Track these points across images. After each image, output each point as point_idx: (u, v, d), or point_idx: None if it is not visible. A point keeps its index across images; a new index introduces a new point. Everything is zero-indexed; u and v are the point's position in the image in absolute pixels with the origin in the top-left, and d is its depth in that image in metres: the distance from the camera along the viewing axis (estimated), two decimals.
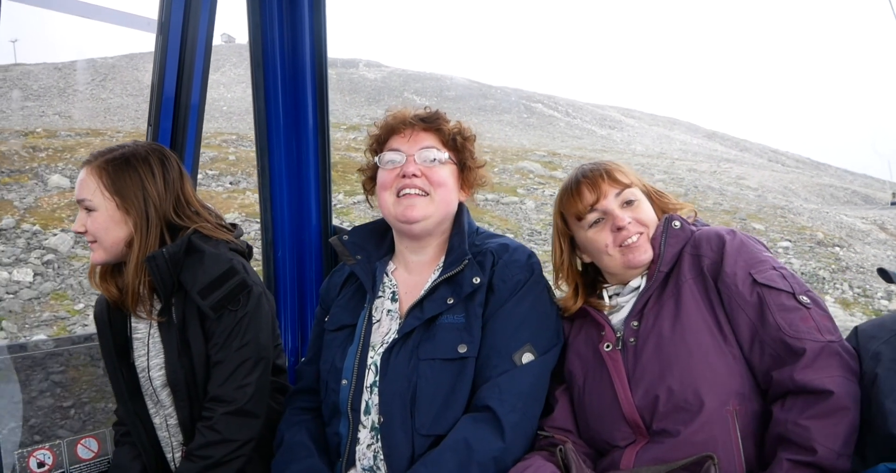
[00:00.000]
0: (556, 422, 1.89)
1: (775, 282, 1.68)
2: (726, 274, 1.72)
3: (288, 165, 2.92)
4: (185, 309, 2.04)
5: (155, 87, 2.65)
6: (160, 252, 1.98)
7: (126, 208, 2.03)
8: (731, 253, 1.75)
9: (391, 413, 1.84)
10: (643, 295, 1.82)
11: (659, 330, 1.75)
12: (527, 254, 1.99)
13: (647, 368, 1.73)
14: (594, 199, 1.87)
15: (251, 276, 2.07)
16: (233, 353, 1.99)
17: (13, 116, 29.29)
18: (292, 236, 2.96)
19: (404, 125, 2.01)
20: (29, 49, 74.58)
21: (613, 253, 1.86)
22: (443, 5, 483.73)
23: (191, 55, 2.64)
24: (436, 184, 1.95)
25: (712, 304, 1.73)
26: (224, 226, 2.18)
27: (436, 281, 1.93)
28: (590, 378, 1.85)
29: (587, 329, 1.93)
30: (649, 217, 1.89)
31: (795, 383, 1.56)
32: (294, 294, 2.97)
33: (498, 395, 1.80)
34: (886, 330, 1.63)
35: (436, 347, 1.86)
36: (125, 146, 2.11)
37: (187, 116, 2.70)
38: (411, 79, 52.63)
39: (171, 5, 2.56)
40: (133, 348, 2.16)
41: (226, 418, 1.97)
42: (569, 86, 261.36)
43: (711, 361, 1.67)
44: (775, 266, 1.74)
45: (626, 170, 1.94)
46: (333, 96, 38.95)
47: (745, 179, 27.26)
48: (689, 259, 1.81)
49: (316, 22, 2.85)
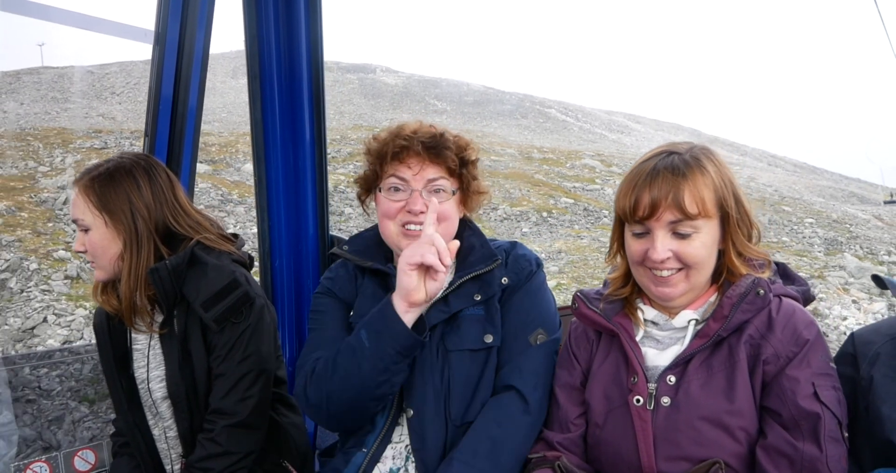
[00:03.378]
0: (567, 445, 1.80)
1: (834, 406, 1.53)
2: (786, 376, 1.56)
3: (285, 175, 2.92)
4: (188, 321, 2.03)
5: (152, 97, 2.65)
6: (163, 264, 1.98)
7: (115, 224, 2.01)
8: (802, 357, 1.57)
9: (425, 406, 1.86)
10: (689, 350, 1.64)
11: (700, 403, 1.59)
12: (530, 250, 2.10)
13: (680, 440, 1.59)
14: (644, 215, 1.62)
15: (254, 288, 2.07)
16: (235, 366, 1.99)
17: (60, 117, 29.24)
18: (290, 246, 2.97)
19: (408, 153, 1.94)
20: (55, 53, 74.20)
21: (644, 273, 1.69)
22: (453, 11, 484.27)
23: (188, 65, 2.64)
24: (441, 219, 1.93)
25: (754, 389, 1.60)
26: (226, 236, 2.18)
27: (462, 278, 1.95)
28: (610, 422, 1.71)
29: (615, 357, 1.76)
30: (698, 256, 1.62)
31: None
32: (292, 303, 2.98)
33: (519, 375, 1.87)
34: (882, 335, 1.65)
35: (462, 338, 1.91)
36: (110, 160, 2.09)
37: (184, 126, 2.70)
38: (430, 85, 53.24)
39: (168, 16, 2.57)
40: (133, 359, 2.15)
41: (227, 430, 1.97)
42: (576, 92, 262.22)
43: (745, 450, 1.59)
44: (836, 386, 1.58)
45: (706, 191, 1.60)
46: (359, 100, 38.65)
47: (756, 180, 28.37)
48: (753, 335, 1.61)
49: (312, 32, 2.86)
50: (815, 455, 1.49)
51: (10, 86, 34.90)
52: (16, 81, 35.99)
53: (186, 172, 2.75)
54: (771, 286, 1.65)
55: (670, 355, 1.68)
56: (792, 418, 1.53)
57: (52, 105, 32.73)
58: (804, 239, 16.27)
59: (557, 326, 2.00)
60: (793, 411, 1.53)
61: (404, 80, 53.10)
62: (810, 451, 1.49)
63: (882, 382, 1.57)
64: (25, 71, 38.54)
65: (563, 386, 1.85)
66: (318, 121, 2.91)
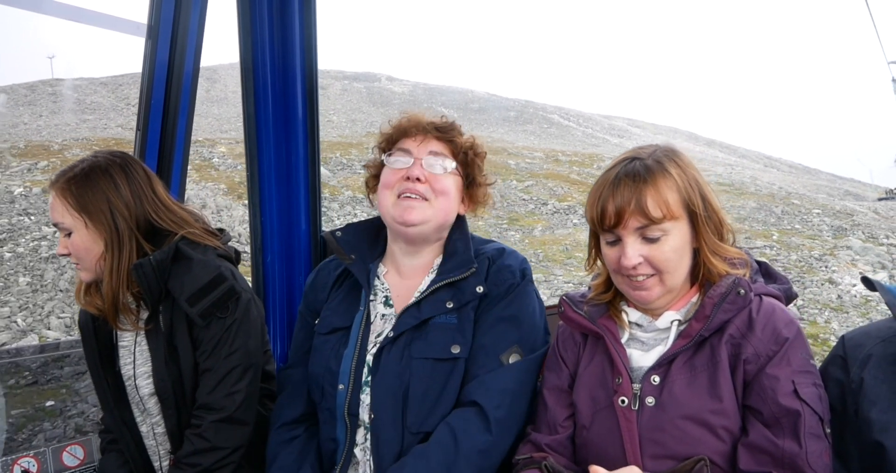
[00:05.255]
0: (556, 447, 1.79)
1: (814, 403, 1.54)
2: (766, 374, 1.56)
3: (277, 171, 2.90)
4: (173, 317, 2.01)
5: (144, 92, 2.64)
6: (147, 259, 1.96)
7: (95, 225, 1.99)
8: (782, 355, 1.57)
9: (383, 410, 1.85)
10: (672, 350, 1.65)
11: (684, 403, 1.60)
12: (519, 260, 2.01)
13: (665, 439, 1.60)
14: (612, 223, 1.63)
15: (240, 283, 2.06)
16: (222, 361, 1.98)
17: (80, 128, 29.52)
18: (281, 242, 2.95)
19: (417, 129, 2.00)
20: (64, 65, 76.03)
21: (621, 279, 1.69)
22: (453, 20, 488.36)
23: (180, 60, 2.63)
24: (438, 192, 1.94)
25: (736, 388, 1.60)
26: (211, 231, 2.16)
27: (436, 284, 1.93)
28: (597, 423, 1.72)
29: (601, 359, 1.76)
30: (669, 260, 1.63)
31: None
32: (283, 299, 2.96)
33: (485, 392, 1.82)
34: (872, 338, 1.64)
35: (429, 346, 1.87)
36: (84, 160, 2.06)
37: (176, 122, 2.68)
38: (436, 93, 54.43)
39: (161, 10, 2.55)
40: (119, 356, 2.14)
41: (215, 426, 1.96)
42: (574, 97, 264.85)
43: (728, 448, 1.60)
44: (816, 382, 1.58)
45: (669, 194, 1.61)
46: (368, 108, 40.16)
47: (758, 179, 29.46)
48: (734, 335, 1.62)
49: (307, 28, 2.84)
50: (794, 451, 1.50)
51: (26, 98, 35.33)
52: (31, 93, 36.42)
53: (178, 166, 2.74)
54: (752, 285, 1.66)
55: (654, 356, 1.69)
56: (773, 415, 1.54)
57: (70, 116, 33.20)
58: (814, 227, 17.77)
59: (541, 343, 1.93)
60: (773, 409, 1.54)
61: (410, 88, 54.18)
62: (790, 448, 1.50)
63: (872, 384, 1.57)
64: (38, 83, 38.96)
65: (551, 388, 1.84)
66: (311, 118, 2.89)
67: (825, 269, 13.64)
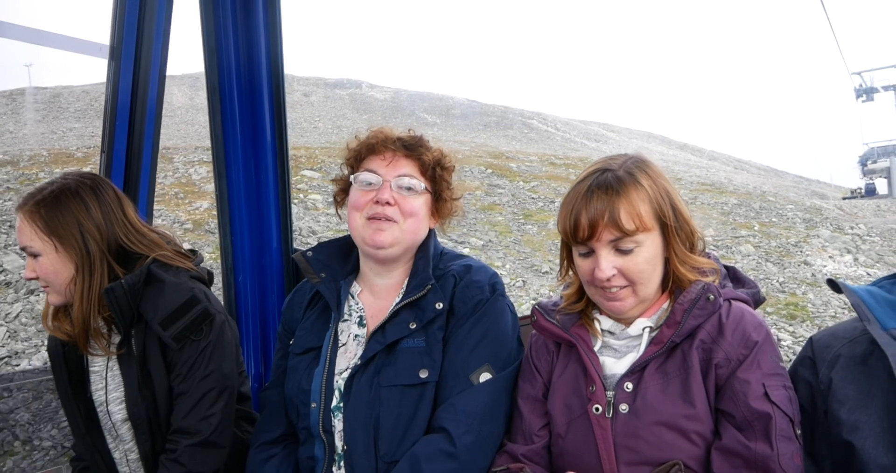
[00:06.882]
0: (532, 456, 1.79)
1: (784, 405, 1.56)
2: (737, 378, 1.58)
3: (247, 189, 2.88)
4: (146, 341, 1.99)
5: (108, 114, 2.60)
6: (118, 283, 1.93)
7: (65, 248, 1.96)
8: (752, 359, 1.59)
9: (355, 441, 1.84)
10: (644, 357, 1.66)
11: (657, 409, 1.61)
12: (489, 275, 1.99)
13: (639, 446, 1.61)
14: (586, 236, 1.63)
15: (213, 304, 2.04)
16: (196, 384, 1.96)
17: (68, 136, 28.81)
18: (253, 260, 2.92)
19: (385, 147, 1.98)
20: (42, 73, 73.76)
21: (595, 290, 1.70)
22: (429, 26, 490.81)
23: (144, 81, 2.60)
24: (406, 214, 1.94)
25: (708, 393, 1.62)
26: (183, 253, 2.14)
27: (398, 305, 1.92)
28: (572, 432, 1.72)
29: (574, 368, 1.77)
30: (643, 272, 1.64)
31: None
32: (256, 319, 2.93)
33: (453, 416, 1.80)
34: (840, 339, 1.67)
35: (397, 373, 1.85)
36: (54, 182, 2.03)
37: (142, 142, 2.65)
38: (417, 99, 54.72)
39: (124, 30, 2.53)
40: (90, 382, 2.10)
41: (190, 450, 1.93)
42: (551, 103, 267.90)
43: (702, 452, 1.62)
44: (786, 384, 1.61)
45: (642, 206, 1.62)
46: (352, 115, 40.08)
47: (733, 181, 31.04)
48: (704, 340, 1.63)
49: (272, 44, 2.83)
50: (766, 453, 1.52)
51: (8, 107, 34.69)
52: (11, 102, 35.75)
53: (145, 188, 2.70)
54: (721, 290, 1.68)
55: (627, 363, 1.71)
56: (745, 419, 1.56)
57: (55, 124, 32.60)
58: (789, 220, 19.69)
59: (513, 358, 1.92)
60: (745, 412, 1.56)
61: (392, 95, 54.48)
62: (762, 450, 1.52)
63: (840, 384, 1.60)
64: (18, 91, 38.28)
65: (525, 397, 1.84)
66: (279, 134, 2.88)
67: (800, 253, 15.45)
